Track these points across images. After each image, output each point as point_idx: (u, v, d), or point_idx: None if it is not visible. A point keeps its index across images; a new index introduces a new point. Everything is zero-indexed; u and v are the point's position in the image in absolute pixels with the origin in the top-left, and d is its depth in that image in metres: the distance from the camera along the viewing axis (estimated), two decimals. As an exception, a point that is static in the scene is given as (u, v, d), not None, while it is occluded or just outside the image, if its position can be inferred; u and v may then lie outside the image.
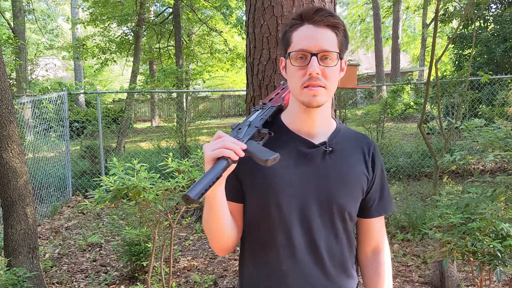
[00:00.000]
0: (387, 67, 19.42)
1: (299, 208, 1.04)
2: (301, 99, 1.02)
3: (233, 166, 0.92)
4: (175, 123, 7.95)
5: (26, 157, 3.58)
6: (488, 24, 9.22)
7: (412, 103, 9.70)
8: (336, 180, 1.06)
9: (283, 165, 1.04)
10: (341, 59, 1.03)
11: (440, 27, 9.32)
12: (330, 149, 1.07)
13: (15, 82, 8.89)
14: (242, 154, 0.89)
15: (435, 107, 8.26)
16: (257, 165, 1.01)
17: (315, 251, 1.05)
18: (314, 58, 0.97)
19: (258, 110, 1.10)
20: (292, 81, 1.03)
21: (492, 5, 9.37)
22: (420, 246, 4.03)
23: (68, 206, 6.07)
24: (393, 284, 3.25)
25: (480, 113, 7.56)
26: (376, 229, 1.16)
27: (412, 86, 8.51)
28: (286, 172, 1.05)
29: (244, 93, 2.14)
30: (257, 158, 0.91)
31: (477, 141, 2.50)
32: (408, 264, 3.65)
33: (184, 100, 8.57)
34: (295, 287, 1.05)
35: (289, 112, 1.11)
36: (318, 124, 1.08)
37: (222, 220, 1.02)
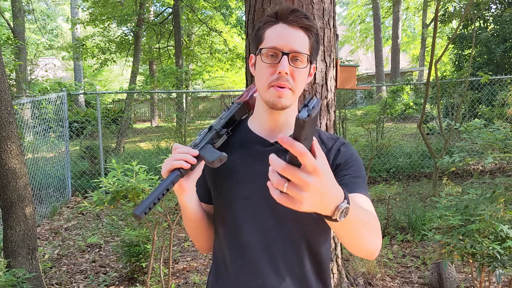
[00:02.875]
0: (387, 67, 19.42)
1: (250, 207, 1.02)
2: (266, 98, 1.00)
3: (196, 174, 0.98)
4: (175, 123, 7.95)
5: (25, 158, 3.58)
6: (488, 24, 9.23)
7: (411, 104, 9.69)
8: None
9: (239, 164, 1.05)
10: (311, 63, 1.01)
11: (440, 27, 9.32)
12: None
13: (14, 83, 8.89)
14: (194, 161, 0.93)
15: (435, 108, 8.27)
16: (218, 168, 1.04)
17: (268, 252, 1.01)
18: (285, 57, 0.96)
19: (225, 112, 1.13)
20: (260, 78, 1.01)
21: (492, 5, 9.37)
22: (420, 247, 4.03)
23: (68, 207, 6.06)
24: (393, 285, 3.25)
25: (479, 113, 7.56)
26: None
27: (411, 87, 8.52)
28: (240, 172, 1.05)
29: (243, 94, 2.12)
30: (206, 161, 0.95)
31: (476, 143, 2.50)
32: (408, 265, 3.64)
33: (184, 100, 8.58)
34: (245, 286, 1.02)
35: (254, 114, 1.11)
36: (281, 126, 1.06)
37: (196, 223, 1.08)
